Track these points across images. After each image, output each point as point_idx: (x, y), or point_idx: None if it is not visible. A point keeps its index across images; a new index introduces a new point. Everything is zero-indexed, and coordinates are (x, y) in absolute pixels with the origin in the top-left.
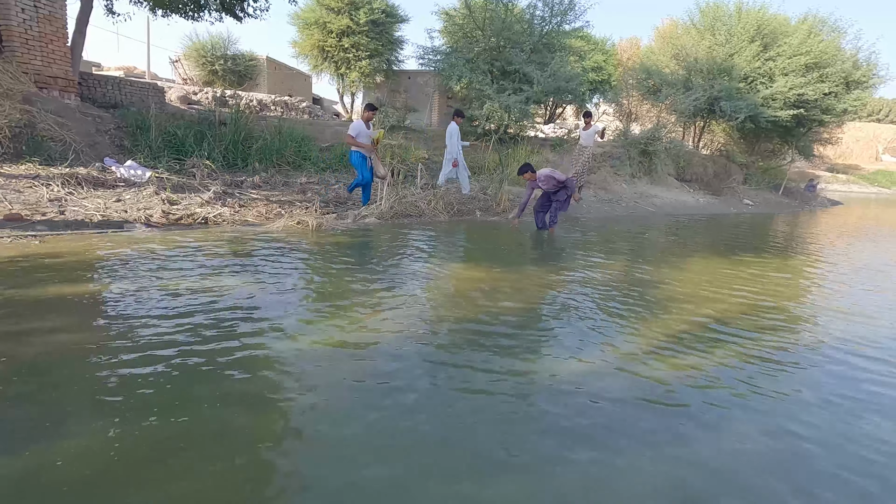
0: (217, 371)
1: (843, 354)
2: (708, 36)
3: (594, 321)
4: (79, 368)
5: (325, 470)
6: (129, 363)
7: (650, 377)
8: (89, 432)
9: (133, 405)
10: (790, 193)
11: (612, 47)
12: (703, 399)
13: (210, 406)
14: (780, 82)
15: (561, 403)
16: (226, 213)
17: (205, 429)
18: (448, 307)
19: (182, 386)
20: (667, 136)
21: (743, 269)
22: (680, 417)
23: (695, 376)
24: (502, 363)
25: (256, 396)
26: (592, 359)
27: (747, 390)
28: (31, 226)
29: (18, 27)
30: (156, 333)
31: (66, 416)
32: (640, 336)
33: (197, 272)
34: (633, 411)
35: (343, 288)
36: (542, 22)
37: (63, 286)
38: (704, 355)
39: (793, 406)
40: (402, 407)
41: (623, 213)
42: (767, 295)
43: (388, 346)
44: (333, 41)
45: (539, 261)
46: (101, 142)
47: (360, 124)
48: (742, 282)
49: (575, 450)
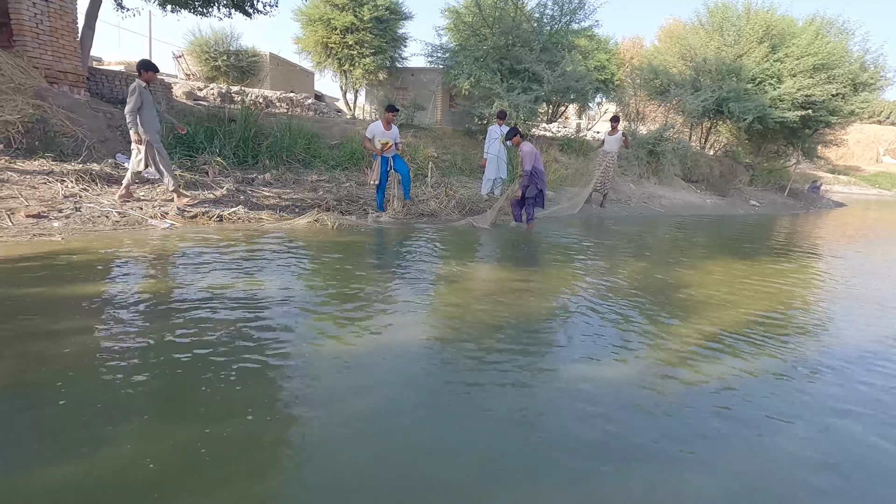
0: (237, 376)
1: (881, 361)
2: (716, 36)
3: (610, 326)
4: (104, 371)
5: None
6: (153, 365)
7: (670, 388)
8: (113, 439)
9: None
10: (795, 195)
11: (615, 46)
12: (725, 409)
13: (237, 415)
14: (789, 83)
15: (584, 414)
16: (240, 212)
17: (230, 439)
18: (461, 312)
19: (215, 390)
20: (674, 137)
21: (761, 270)
22: (707, 428)
23: (717, 385)
24: (519, 374)
25: (281, 401)
26: (611, 366)
27: (778, 401)
28: (50, 223)
29: (29, 21)
30: (178, 334)
31: (102, 419)
32: (657, 343)
33: (219, 271)
34: (656, 422)
35: (361, 290)
36: (551, 20)
37: (87, 285)
38: (728, 361)
39: (823, 417)
40: (413, 419)
41: (632, 213)
42: (789, 298)
43: (401, 354)
44: (337, 38)
45: (550, 264)
46: (113, 138)
47: (377, 126)
48: (761, 284)
49: (601, 463)
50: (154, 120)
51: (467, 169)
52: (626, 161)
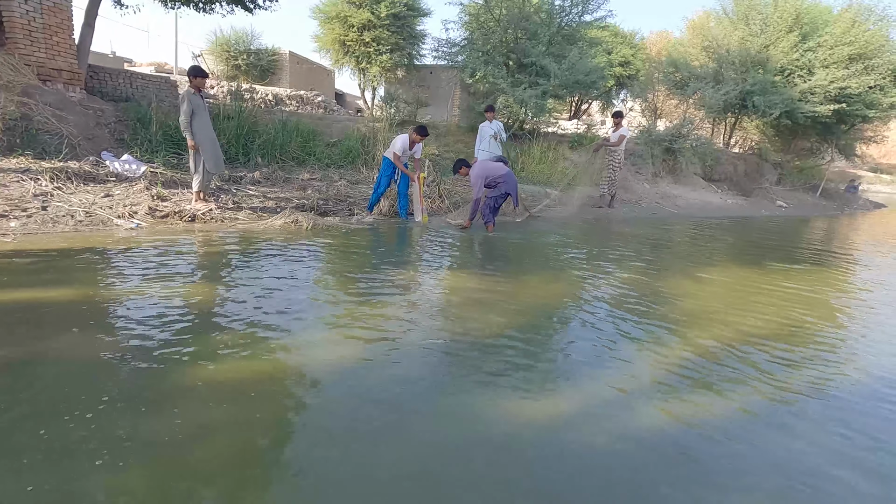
0: (209, 389)
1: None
2: (741, 26)
3: (610, 342)
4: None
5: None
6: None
7: (677, 414)
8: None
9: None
10: (829, 195)
11: (641, 41)
12: (738, 443)
13: (226, 432)
14: (821, 75)
15: (582, 444)
16: (215, 211)
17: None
18: (446, 322)
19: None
20: (693, 133)
21: (778, 281)
22: (720, 462)
23: (726, 415)
24: (509, 394)
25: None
26: (610, 388)
27: (787, 434)
28: (7, 223)
29: (21, 18)
30: (130, 340)
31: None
32: (662, 363)
33: (174, 276)
34: (663, 457)
35: (331, 296)
36: (561, 12)
37: (10, 291)
38: (735, 388)
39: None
40: (395, 436)
41: (643, 214)
42: (807, 313)
43: (389, 366)
44: (354, 35)
45: (547, 268)
46: (100, 135)
47: (404, 142)
48: (777, 297)
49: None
50: (206, 127)
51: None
52: (640, 159)
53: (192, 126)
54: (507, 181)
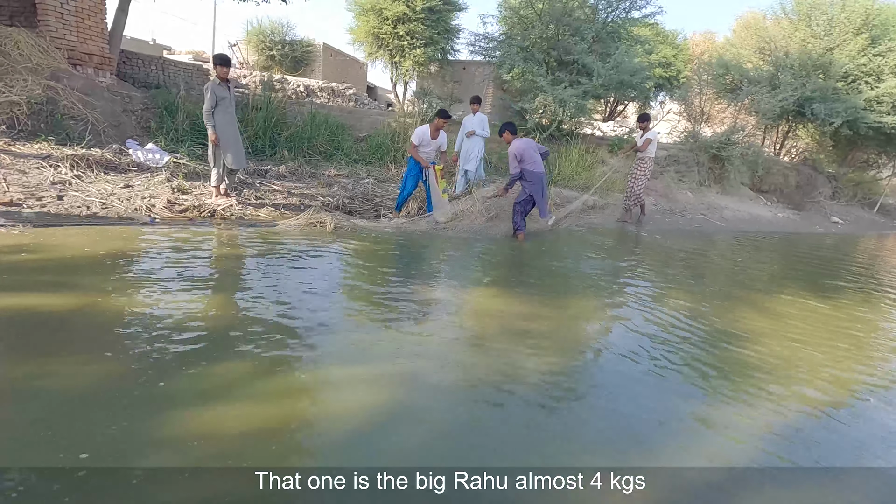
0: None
1: None
2: (802, 27)
3: (662, 379)
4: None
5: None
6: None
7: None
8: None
9: None
10: (887, 212)
11: (684, 42)
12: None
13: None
14: (891, 83)
15: None
16: (236, 207)
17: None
18: (470, 355)
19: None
20: (744, 141)
21: (846, 310)
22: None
23: None
24: (545, 447)
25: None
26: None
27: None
28: (20, 212)
29: (53, 1)
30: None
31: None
32: (768, 431)
33: (182, 284)
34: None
35: (352, 309)
36: (607, 7)
37: (20, 296)
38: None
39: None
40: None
41: (686, 226)
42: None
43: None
44: (388, 28)
45: (584, 287)
46: (126, 122)
47: (425, 132)
48: (851, 329)
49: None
50: (229, 120)
51: (490, 168)
52: (685, 166)
53: (215, 118)
54: (534, 182)
